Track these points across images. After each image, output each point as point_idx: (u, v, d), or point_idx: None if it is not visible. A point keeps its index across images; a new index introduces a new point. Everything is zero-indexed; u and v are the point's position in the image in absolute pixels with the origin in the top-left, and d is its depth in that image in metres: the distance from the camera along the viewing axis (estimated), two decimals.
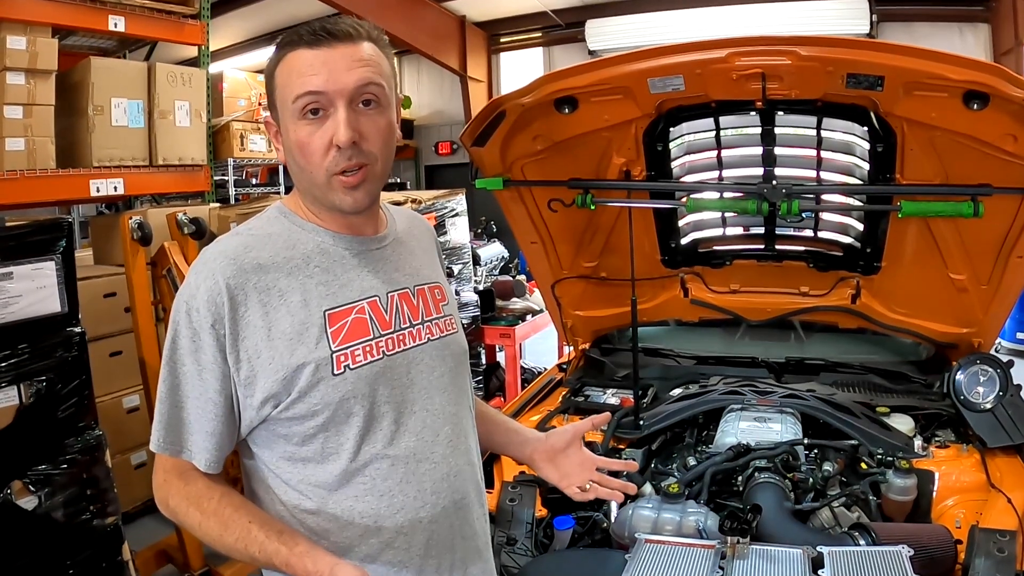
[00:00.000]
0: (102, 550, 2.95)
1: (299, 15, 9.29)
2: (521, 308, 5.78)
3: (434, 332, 1.42)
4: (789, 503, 2.19)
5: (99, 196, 4.56)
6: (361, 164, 1.27)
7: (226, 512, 1.25)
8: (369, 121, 1.28)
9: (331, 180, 1.28)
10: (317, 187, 1.30)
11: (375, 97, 1.28)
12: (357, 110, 1.26)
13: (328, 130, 1.25)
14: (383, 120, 1.30)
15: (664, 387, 3.01)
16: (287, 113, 1.28)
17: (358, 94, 1.26)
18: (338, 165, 1.26)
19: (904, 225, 2.68)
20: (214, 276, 1.26)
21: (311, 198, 1.35)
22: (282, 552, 1.19)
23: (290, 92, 1.26)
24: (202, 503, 1.26)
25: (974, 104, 2.17)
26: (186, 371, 1.27)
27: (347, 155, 1.25)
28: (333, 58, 1.25)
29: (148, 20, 4.77)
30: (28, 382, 2.78)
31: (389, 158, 1.34)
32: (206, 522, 1.25)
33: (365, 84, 1.26)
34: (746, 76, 2.32)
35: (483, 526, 1.51)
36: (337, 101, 1.24)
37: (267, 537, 1.21)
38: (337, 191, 1.29)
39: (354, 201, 1.30)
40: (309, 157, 1.27)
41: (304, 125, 1.26)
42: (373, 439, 1.31)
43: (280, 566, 1.20)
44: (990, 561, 1.87)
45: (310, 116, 1.25)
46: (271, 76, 1.31)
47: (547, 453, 1.65)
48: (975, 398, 2.54)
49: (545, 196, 2.87)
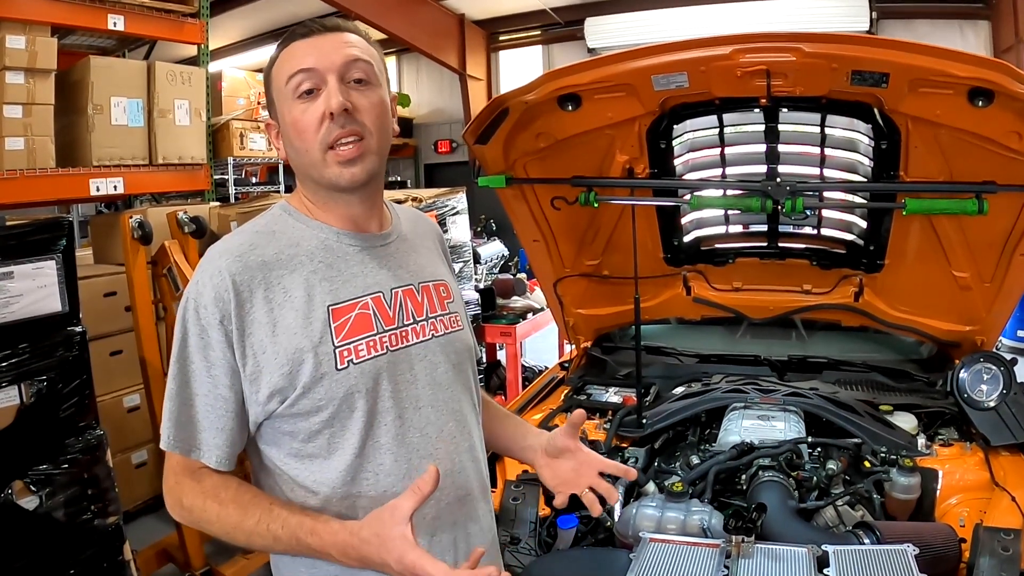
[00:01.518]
0: (103, 549, 2.95)
1: (299, 13, 9.28)
2: (522, 306, 5.78)
3: (439, 329, 1.43)
4: (793, 502, 2.19)
5: (99, 195, 4.56)
6: (354, 133, 1.30)
7: (245, 497, 1.26)
8: (360, 95, 1.32)
9: (326, 155, 1.30)
10: (314, 166, 1.32)
11: (364, 75, 1.33)
12: (348, 85, 1.31)
13: (321, 103, 1.29)
14: (375, 96, 1.34)
15: (667, 385, 3.01)
16: (283, 100, 1.32)
17: (347, 69, 1.31)
18: (331, 134, 1.29)
19: (907, 223, 2.67)
20: (220, 273, 1.27)
21: (312, 186, 1.37)
22: (306, 522, 1.22)
23: (283, 75, 1.32)
24: (219, 493, 1.27)
25: (979, 101, 2.16)
26: (195, 368, 1.28)
27: (340, 123, 1.28)
28: (323, 42, 1.32)
29: (147, 19, 4.78)
30: (29, 381, 2.77)
31: (385, 135, 1.36)
32: (224, 511, 1.25)
33: (354, 60, 1.31)
34: (750, 73, 2.31)
35: (488, 523, 1.51)
36: (328, 76, 1.29)
37: (290, 512, 1.24)
38: (332, 166, 1.31)
39: (351, 176, 1.31)
40: (303, 134, 1.30)
41: (298, 104, 1.30)
42: (376, 434, 1.31)
43: (306, 536, 1.21)
44: (994, 560, 1.87)
45: (304, 96, 1.30)
46: (269, 75, 1.36)
47: (545, 456, 1.60)
48: (978, 396, 2.53)
49: (548, 194, 2.87)
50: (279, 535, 1.23)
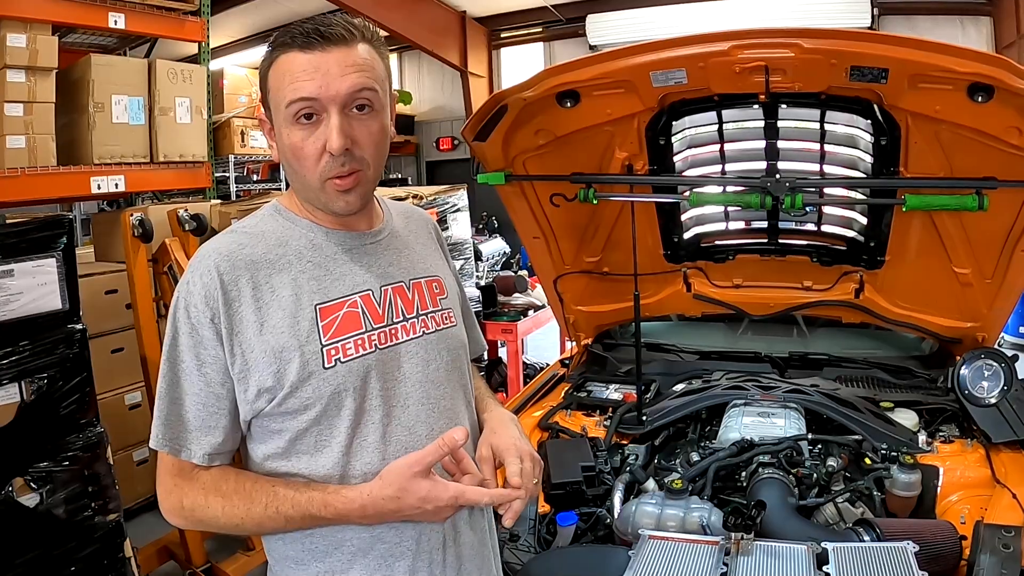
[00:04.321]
0: (104, 547, 2.95)
1: (300, 11, 9.28)
2: (523, 303, 5.78)
3: (430, 325, 1.43)
4: (793, 499, 2.18)
5: (100, 193, 4.57)
6: (354, 169, 1.29)
7: (247, 485, 1.27)
8: (362, 126, 1.28)
9: (324, 184, 1.30)
10: (311, 190, 1.32)
11: (368, 102, 1.28)
12: (350, 115, 1.27)
13: (321, 136, 1.26)
14: (376, 124, 1.31)
15: (667, 382, 3.00)
16: (280, 117, 1.29)
17: (351, 100, 1.27)
18: (331, 171, 1.28)
19: (908, 219, 2.66)
20: (209, 273, 1.28)
21: (305, 197, 1.37)
22: (316, 497, 1.24)
23: (283, 97, 1.26)
24: (220, 486, 1.28)
25: (979, 97, 2.15)
26: (185, 368, 1.28)
27: (340, 161, 1.27)
28: (326, 63, 1.25)
29: (148, 17, 4.78)
30: (29, 379, 2.77)
31: (381, 162, 1.35)
32: (229, 503, 1.26)
33: (358, 90, 1.26)
34: (749, 69, 2.30)
35: (480, 522, 1.50)
36: (330, 107, 1.25)
37: (296, 490, 1.25)
38: (330, 194, 1.31)
39: (347, 204, 1.32)
40: (303, 162, 1.28)
41: (297, 130, 1.27)
42: (364, 432, 1.31)
43: (318, 510, 1.23)
44: (995, 557, 1.86)
45: (303, 121, 1.26)
46: (264, 77, 1.32)
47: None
48: (979, 393, 2.53)
49: (547, 191, 2.86)
50: (291, 515, 1.24)
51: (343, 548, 1.32)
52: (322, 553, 1.33)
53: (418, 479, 1.22)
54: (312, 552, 1.33)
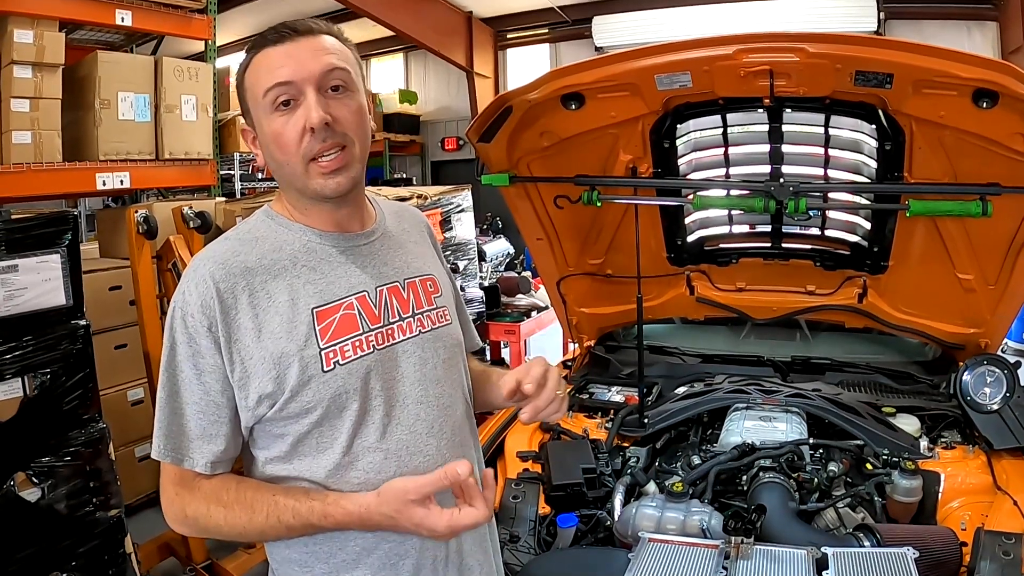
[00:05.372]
0: (104, 542, 2.95)
1: (305, 10, 9.27)
2: (526, 304, 5.79)
3: (425, 324, 1.43)
4: (794, 503, 2.19)
5: (105, 189, 4.58)
6: (337, 144, 1.29)
7: (248, 495, 1.27)
8: (340, 104, 1.30)
9: (309, 167, 1.30)
10: (297, 178, 1.32)
11: (342, 82, 1.31)
12: (327, 95, 1.29)
13: (300, 117, 1.27)
14: (354, 104, 1.32)
15: (669, 385, 3.00)
16: (260, 110, 1.31)
17: (325, 80, 1.29)
18: (313, 149, 1.28)
19: (912, 224, 2.66)
20: (204, 282, 1.28)
21: (295, 194, 1.37)
22: (316, 507, 1.24)
23: (260, 88, 1.29)
24: (221, 496, 1.28)
25: (983, 103, 2.15)
26: (184, 377, 1.28)
27: (321, 137, 1.28)
28: (298, 50, 1.29)
29: (155, 14, 4.79)
30: (32, 374, 2.78)
31: (366, 141, 1.36)
32: (231, 513, 1.26)
33: (331, 69, 1.29)
34: (754, 73, 2.31)
35: None
36: (305, 88, 1.27)
37: (297, 500, 1.25)
38: (316, 177, 1.31)
39: (336, 185, 1.31)
40: (285, 147, 1.29)
41: (277, 117, 1.29)
42: (365, 433, 1.32)
43: (318, 520, 1.24)
44: (995, 564, 1.86)
45: (282, 108, 1.29)
46: (241, 82, 1.34)
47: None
48: (982, 399, 2.52)
49: (551, 192, 2.87)
50: (292, 524, 1.25)
51: (347, 549, 1.33)
52: (326, 554, 1.33)
53: (413, 506, 1.20)
54: (315, 554, 1.34)
